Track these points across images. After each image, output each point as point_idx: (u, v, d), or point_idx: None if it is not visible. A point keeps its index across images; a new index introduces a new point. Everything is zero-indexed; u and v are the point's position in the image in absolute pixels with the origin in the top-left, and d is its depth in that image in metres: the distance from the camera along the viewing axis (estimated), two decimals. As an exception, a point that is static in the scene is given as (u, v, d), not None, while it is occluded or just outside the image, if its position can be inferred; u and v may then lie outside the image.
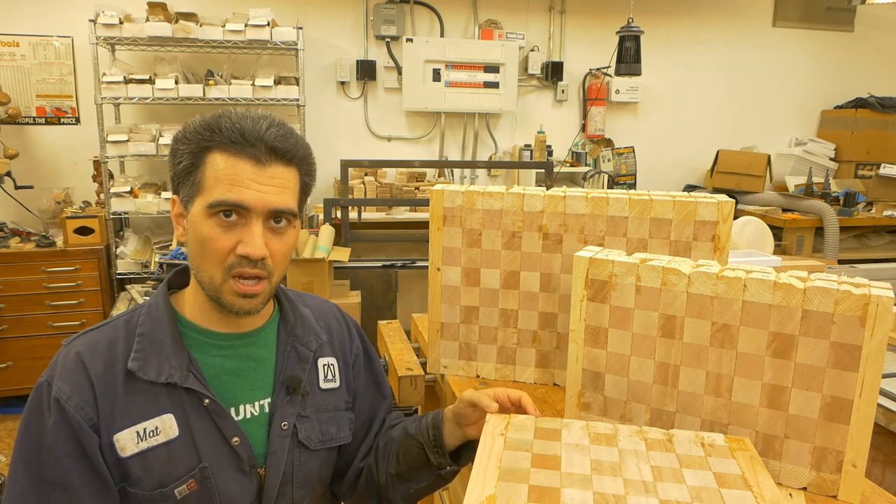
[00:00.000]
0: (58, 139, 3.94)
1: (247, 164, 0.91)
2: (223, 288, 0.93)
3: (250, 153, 0.91)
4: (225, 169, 0.91)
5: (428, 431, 1.05)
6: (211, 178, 0.91)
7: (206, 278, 0.94)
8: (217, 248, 0.91)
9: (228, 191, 0.90)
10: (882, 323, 0.87)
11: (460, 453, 1.07)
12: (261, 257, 0.92)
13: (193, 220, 0.93)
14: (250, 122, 0.92)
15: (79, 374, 0.91)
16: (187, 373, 0.94)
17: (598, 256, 1.05)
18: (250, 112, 0.95)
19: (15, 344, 3.49)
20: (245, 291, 0.93)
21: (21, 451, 0.91)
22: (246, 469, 0.97)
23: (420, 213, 4.07)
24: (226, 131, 0.91)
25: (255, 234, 0.91)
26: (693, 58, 4.80)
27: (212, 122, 0.93)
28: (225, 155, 0.91)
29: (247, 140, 0.91)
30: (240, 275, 0.92)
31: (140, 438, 0.91)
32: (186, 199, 0.94)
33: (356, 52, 4.29)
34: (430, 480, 1.07)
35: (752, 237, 2.80)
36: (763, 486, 0.81)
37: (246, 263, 0.92)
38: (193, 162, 0.93)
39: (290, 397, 1.02)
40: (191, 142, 0.93)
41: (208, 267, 0.93)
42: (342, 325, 1.16)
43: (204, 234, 0.91)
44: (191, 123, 0.94)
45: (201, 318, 0.99)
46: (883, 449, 1.49)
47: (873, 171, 4.74)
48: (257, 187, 0.91)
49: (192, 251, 0.94)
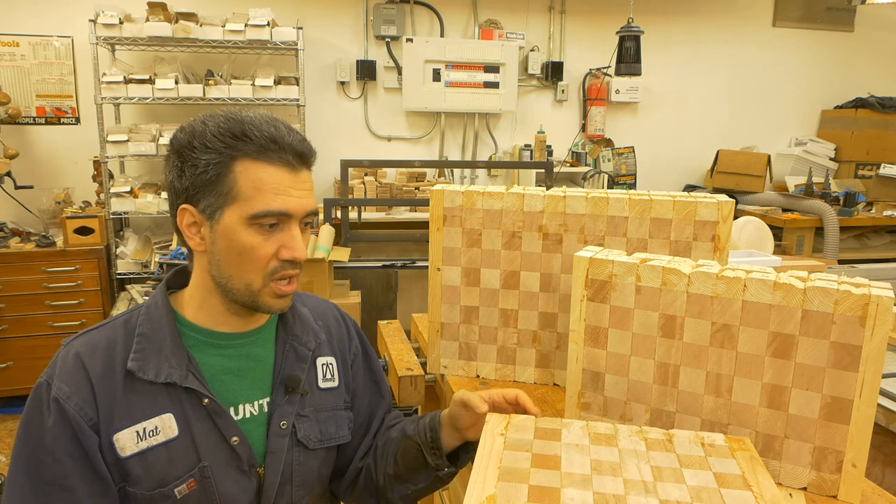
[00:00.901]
0: (58, 139, 3.94)
1: (283, 171, 0.92)
2: (262, 292, 0.95)
3: (284, 160, 0.92)
4: (265, 178, 0.91)
5: (426, 433, 1.06)
6: (248, 188, 0.90)
7: (241, 285, 0.94)
8: (260, 256, 0.93)
9: (273, 200, 0.91)
10: (882, 323, 0.87)
11: (459, 455, 1.07)
12: (304, 259, 0.95)
13: (227, 230, 0.92)
14: (275, 129, 0.92)
15: (78, 374, 0.91)
16: (187, 372, 0.94)
17: (598, 256, 1.05)
18: (258, 114, 0.94)
19: (15, 344, 3.49)
20: (285, 292, 0.96)
21: (20, 452, 0.91)
22: (245, 468, 0.97)
23: (420, 213, 4.06)
24: (256, 139, 0.90)
25: (298, 238, 0.94)
26: (693, 58, 4.80)
27: (236, 129, 0.90)
28: (257, 163, 0.91)
29: (280, 146, 0.91)
30: (282, 277, 0.95)
31: (140, 438, 0.91)
32: (212, 208, 0.92)
33: (356, 52, 4.29)
34: (428, 482, 1.07)
35: (752, 237, 2.80)
36: (763, 486, 0.81)
37: (288, 266, 0.95)
38: (220, 172, 0.90)
39: (289, 397, 1.03)
40: (213, 150, 0.90)
41: (246, 274, 0.93)
42: (341, 324, 1.17)
43: (245, 243, 0.92)
44: (205, 130, 0.91)
45: (201, 318, 0.99)
46: (883, 449, 1.49)
47: (873, 171, 4.74)
48: (297, 194, 0.93)
49: (226, 261, 0.93)
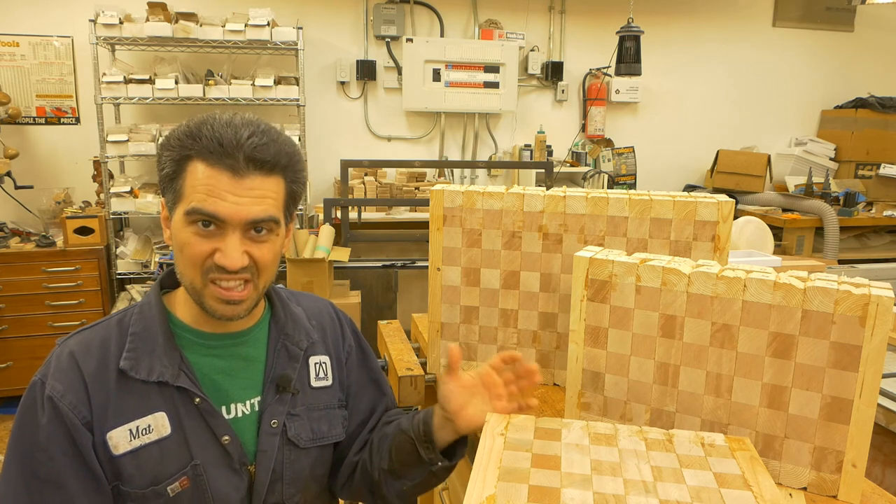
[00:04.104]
0: (58, 139, 3.94)
1: (224, 175, 0.90)
2: (204, 293, 0.94)
3: (228, 164, 0.90)
4: (203, 179, 0.90)
5: (419, 426, 1.05)
6: (189, 187, 0.91)
7: (187, 282, 0.95)
8: (194, 254, 0.92)
9: (204, 201, 0.89)
10: (882, 323, 0.87)
11: (455, 449, 1.07)
12: (236, 269, 0.92)
13: (175, 225, 0.94)
14: (231, 130, 0.90)
15: (72, 372, 0.92)
16: (178, 371, 0.95)
17: (598, 256, 1.05)
18: (236, 118, 0.93)
19: (15, 344, 3.49)
20: (228, 297, 0.93)
21: (14, 449, 0.91)
22: (236, 467, 0.98)
23: (420, 213, 4.06)
24: (205, 140, 0.90)
25: (230, 246, 0.91)
26: (693, 58, 4.80)
27: (194, 129, 0.91)
28: (204, 164, 0.90)
29: (225, 150, 0.89)
30: (217, 280, 0.93)
31: (133, 436, 0.92)
32: (170, 204, 0.95)
33: (356, 52, 4.29)
34: (422, 477, 1.06)
35: (752, 237, 2.80)
36: (763, 486, 0.81)
37: (222, 271, 0.92)
38: (175, 169, 0.92)
39: (280, 396, 1.03)
40: (174, 149, 0.92)
41: (188, 271, 0.94)
42: (335, 322, 1.17)
43: (182, 239, 0.92)
44: (176, 129, 0.94)
45: (192, 319, 1.00)
46: (883, 449, 1.49)
47: (873, 171, 4.74)
48: (233, 199, 0.90)
49: (175, 255, 0.96)
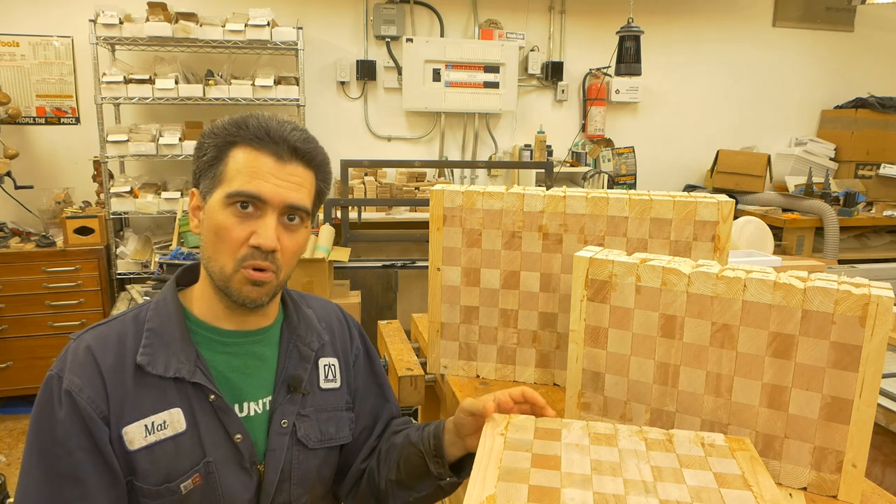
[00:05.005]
0: (58, 139, 3.94)
1: (268, 158, 0.95)
2: (234, 277, 0.95)
3: (272, 149, 0.95)
4: (246, 162, 0.94)
5: (429, 440, 1.04)
6: (232, 170, 0.95)
7: (216, 268, 0.95)
8: (231, 238, 0.93)
9: (248, 182, 0.93)
10: (882, 323, 0.87)
11: (463, 465, 1.06)
12: (272, 249, 0.94)
13: (210, 209, 0.96)
14: (276, 123, 0.97)
15: (90, 367, 0.92)
16: (195, 368, 0.95)
17: (598, 256, 1.05)
18: (277, 116, 1.00)
19: (15, 344, 3.49)
20: (256, 278, 0.95)
21: (33, 444, 0.91)
22: (247, 465, 0.98)
23: (420, 213, 4.06)
24: (252, 128, 0.96)
25: (268, 226, 0.94)
26: (693, 58, 4.80)
27: (239, 119, 0.97)
28: (248, 149, 0.95)
29: (271, 137, 0.95)
30: (251, 266, 0.94)
31: (148, 432, 0.92)
32: (206, 190, 0.97)
33: (356, 52, 4.29)
34: (430, 490, 1.06)
35: (752, 237, 2.80)
36: (763, 486, 0.81)
37: (258, 255, 0.94)
38: (217, 155, 0.96)
39: (291, 396, 1.03)
40: (217, 136, 0.97)
41: (220, 256, 0.95)
42: (344, 325, 1.17)
43: (219, 222, 0.94)
44: (219, 121, 0.99)
45: (209, 315, 1.01)
46: (883, 449, 1.49)
47: (873, 171, 4.74)
48: (276, 181, 0.94)
49: (206, 241, 0.97)
